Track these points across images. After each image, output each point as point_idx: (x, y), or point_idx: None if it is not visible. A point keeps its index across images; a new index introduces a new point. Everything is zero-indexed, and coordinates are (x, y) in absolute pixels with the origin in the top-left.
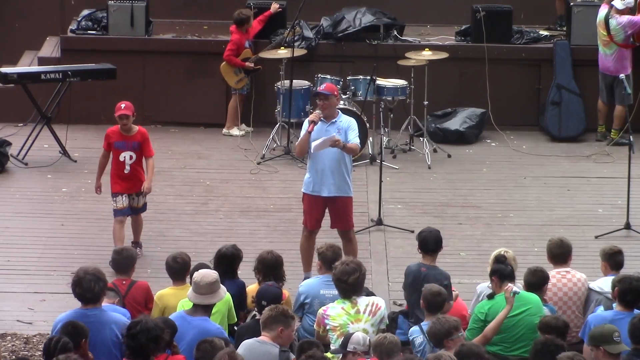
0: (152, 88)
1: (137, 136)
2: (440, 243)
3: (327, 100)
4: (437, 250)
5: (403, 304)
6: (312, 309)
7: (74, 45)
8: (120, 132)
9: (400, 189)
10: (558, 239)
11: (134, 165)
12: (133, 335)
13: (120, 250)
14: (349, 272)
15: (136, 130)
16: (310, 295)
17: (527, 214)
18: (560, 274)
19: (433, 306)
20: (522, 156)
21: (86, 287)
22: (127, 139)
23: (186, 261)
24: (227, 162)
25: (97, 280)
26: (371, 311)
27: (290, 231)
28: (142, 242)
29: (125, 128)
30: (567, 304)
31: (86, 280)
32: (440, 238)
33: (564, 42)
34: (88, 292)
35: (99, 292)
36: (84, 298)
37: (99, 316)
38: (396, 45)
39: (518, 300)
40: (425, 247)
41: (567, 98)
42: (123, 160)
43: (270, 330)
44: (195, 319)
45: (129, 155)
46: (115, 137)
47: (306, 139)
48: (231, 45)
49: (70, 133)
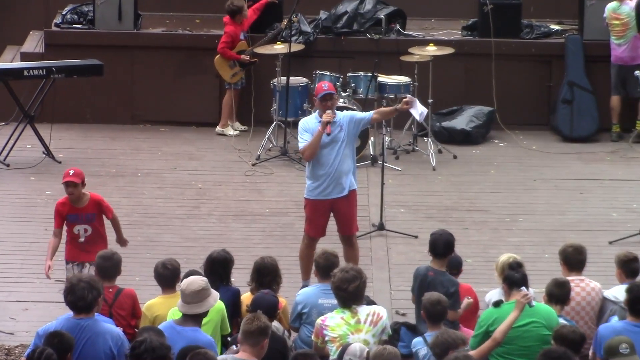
0: (141, 85)
1: (90, 207)
2: (451, 247)
3: (333, 100)
4: (447, 255)
5: (406, 313)
6: (310, 319)
7: (59, 40)
8: (70, 203)
9: (403, 191)
10: (576, 245)
11: (89, 238)
12: (137, 355)
13: (106, 254)
14: (348, 280)
15: (87, 199)
16: (308, 305)
17: (537, 218)
18: (574, 282)
19: (433, 316)
20: (531, 157)
21: (79, 295)
22: (78, 210)
23: (176, 268)
24: (221, 163)
25: (91, 288)
26: (372, 321)
27: (287, 236)
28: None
29: (73, 198)
30: (580, 314)
31: (79, 287)
32: (452, 242)
33: (576, 37)
34: (80, 301)
35: (92, 301)
36: (76, 307)
37: (93, 326)
38: (399, 40)
39: (525, 310)
40: (434, 250)
41: (579, 96)
42: (77, 233)
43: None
44: (186, 329)
45: (83, 228)
46: (66, 210)
47: (318, 142)
48: (225, 38)
49: (54, 133)
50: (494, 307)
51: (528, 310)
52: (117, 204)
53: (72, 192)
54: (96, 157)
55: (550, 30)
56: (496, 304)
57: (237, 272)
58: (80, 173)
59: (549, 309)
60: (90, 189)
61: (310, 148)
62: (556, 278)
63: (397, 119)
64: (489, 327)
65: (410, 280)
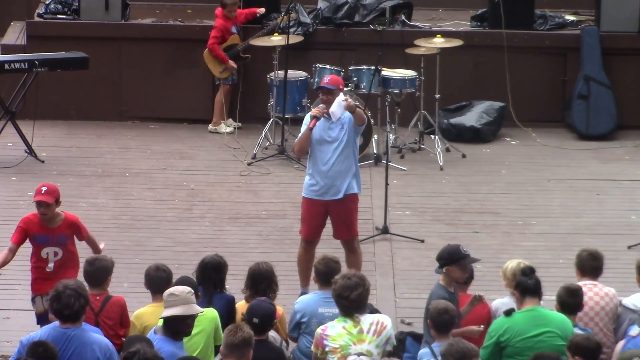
0: (129, 79)
1: (63, 227)
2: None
3: (331, 95)
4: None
5: (412, 322)
6: (309, 329)
7: (42, 31)
8: (41, 222)
9: (409, 193)
10: (592, 251)
11: (59, 262)
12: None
13: (93, 259)
14: (350, 288)
15: (61, 219)
16: (307, 314)
17: (551, 221)
18: (586, 287)
19: (440, 325)
20: (545, 156)
21: (65, 302)
22: (50, 231)
23: (170, 272)
24: (214, 162)
25: (78, 296)
26: (376, 330)
27: (284, 240)
28: (116, 252)
29: (45, 218)
30: (594, 320)
31: (66, 295)
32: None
33: (593, 28)
34: (66, 309)
35: (78, 309)
36: (61, 315)
37: (80, 336)
38: (404, 31)
39: (538, 319)
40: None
41: (596, 91)
42: (46, 257)
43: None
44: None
45: (53, 251)
46: (34, 229)
47: (307, 136)
48: (215, 32)
49: (37, 130)
50: (504, 316)
51: (541, 319)
52: (104, 206)
53: (45, 212)
54: (82, 156)
55: (565, 21)
56: (507, 312)
57: (232, 278)
58: (54, 190)
59: (563, 317)
60: (76, 189)
61: (298, 143)
62: (567, 285)
63: (402, 116)
64: (500, 337)
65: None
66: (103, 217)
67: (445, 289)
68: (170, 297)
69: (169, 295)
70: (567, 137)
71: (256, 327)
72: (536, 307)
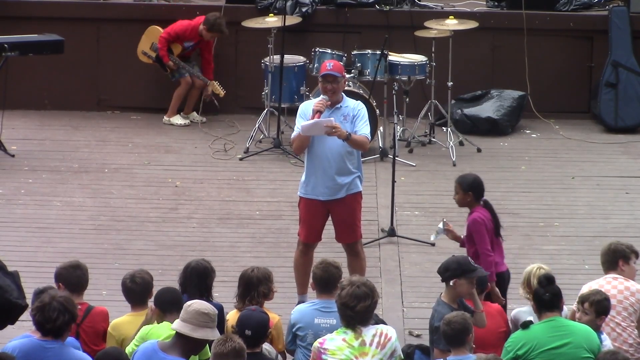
0: (108, 65)
1: None
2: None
3: (336, 84)
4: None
5: (421, 334)
6: (307, 342)
7: (12, 12)
8: None
9: (418, 191)
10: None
11: None
12: None
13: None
14: (358, 297)
15: None
16: (304, 325)
17: (576, 222)
18: (605, 280)
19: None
20: (569, 151)
21: (47, 316)
22: None
23: (148, 281)
24: (202, 157)
25: (64, 311)
26: (379, 343)
27: (280, 243)
28: (94, 256)
29: None
30: (611, 314)
31: (50, 307)
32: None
33: (622, 9)
34: (48, 323)
35: (61, 325)
36: (42, 328)
37: (58, 352)
38: (413, 12)
39: (559, 330)
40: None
41: (625, 78)
42: None
43: None
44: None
45: None
46: None
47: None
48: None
49: (6, 121)
50: (522, 329)
51: (562, 329)
52: (81, 206)
53: None
54: (56, 150)
55: (592, 1)
56: (524, 325)
57: (222, 285)
58: None
59: (587, 328)
60: (50, 187)
61: (298, 139)
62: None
63: (411, 106)
64: (517, 352)
65: (426, 296)
66: (79, 218)
67: (450, 306)
68: (201, 317)
69: (200, 314)
70: (593, 130)
71: (248, 340)
72: (556, 317)
